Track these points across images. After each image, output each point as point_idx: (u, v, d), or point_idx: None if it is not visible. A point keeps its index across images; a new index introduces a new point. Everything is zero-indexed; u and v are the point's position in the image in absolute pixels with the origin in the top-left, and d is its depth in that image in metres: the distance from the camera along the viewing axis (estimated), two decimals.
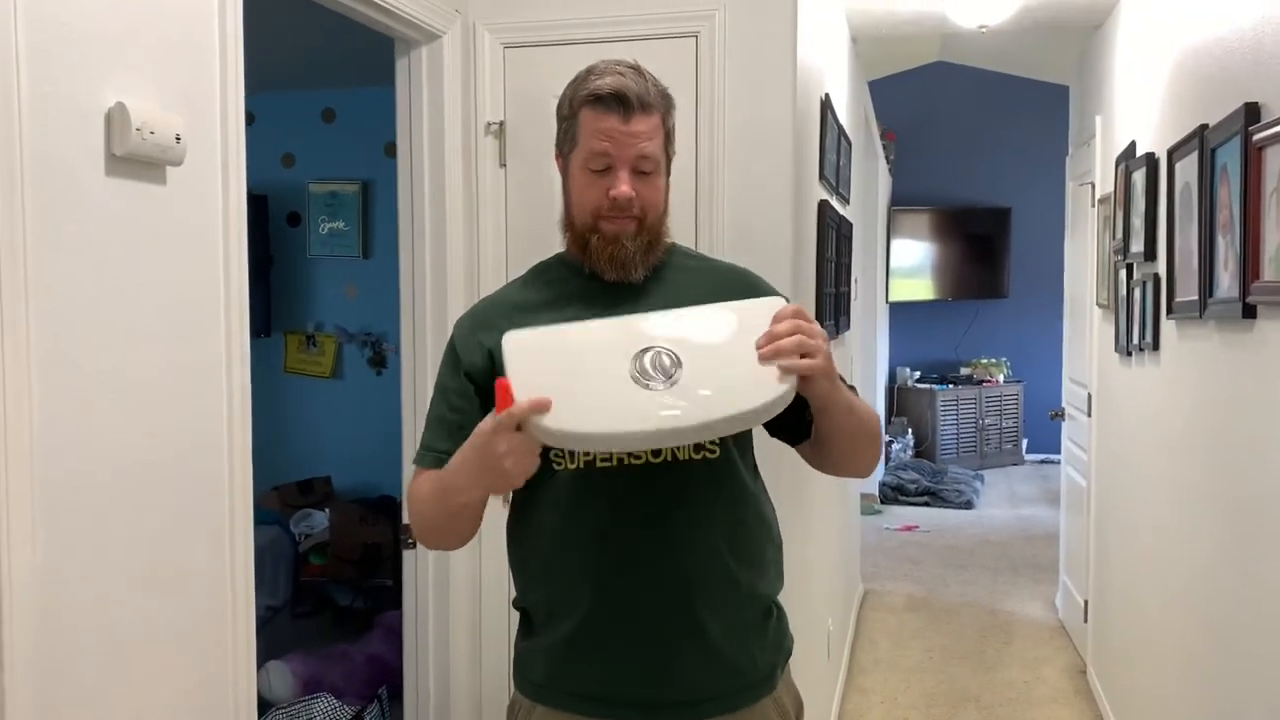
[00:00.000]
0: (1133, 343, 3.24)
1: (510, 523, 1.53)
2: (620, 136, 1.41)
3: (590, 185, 1.43)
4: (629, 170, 1.42)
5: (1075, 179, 4.78)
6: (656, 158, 1.45)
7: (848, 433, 1.44)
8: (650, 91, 1.43)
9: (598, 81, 1.42)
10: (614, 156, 1.41)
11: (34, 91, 1.28)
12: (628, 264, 1.45)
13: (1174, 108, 2.81)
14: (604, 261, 1.45)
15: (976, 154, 9.13)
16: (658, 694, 1.43)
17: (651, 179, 1.45)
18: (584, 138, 1.43)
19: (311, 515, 4.79)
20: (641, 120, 1.41)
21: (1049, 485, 7.95)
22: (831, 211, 3.27)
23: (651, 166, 1.44)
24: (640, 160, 1.42)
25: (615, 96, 1.40)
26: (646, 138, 1.42)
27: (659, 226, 1.48)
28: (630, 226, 1.44)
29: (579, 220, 1.46)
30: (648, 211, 1.45)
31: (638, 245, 1.45)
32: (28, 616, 1.28)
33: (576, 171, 1.45)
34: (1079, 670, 4.26)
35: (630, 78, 1.42)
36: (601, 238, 1.44)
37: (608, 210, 1.43)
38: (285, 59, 4.16)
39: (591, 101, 1.41)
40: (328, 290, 5.06)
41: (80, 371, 1.36)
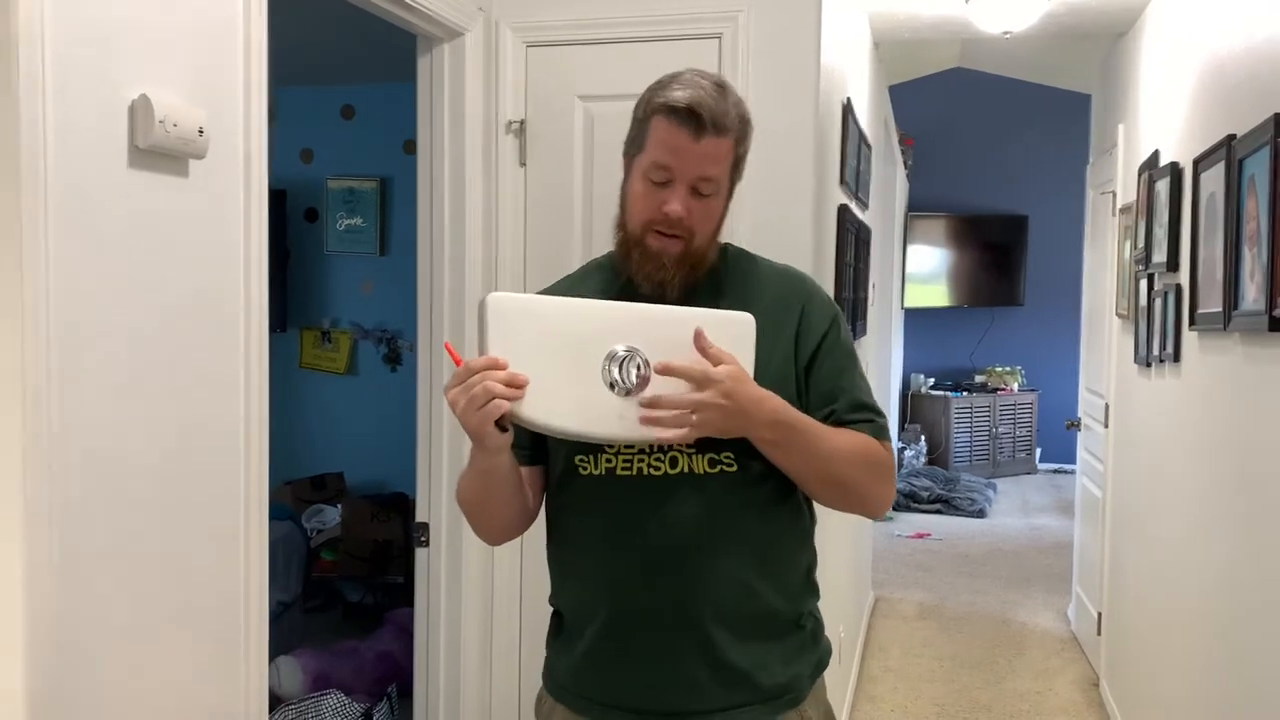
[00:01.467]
0: (1153, 354, 3.21)
1: (547, 522, 1.54)
2: (686, 154, 1.37)
3: (646, 195, 1.41)
4: (687, 189, 1.39)
5: (1096, 188, 4.75)
6: (719, 181, 1.41)
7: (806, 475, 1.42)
8: (729, 114, 1.39)
9: (677, 92, 1.37)
10: (675, 171, 1.38)
11: (58, 83, 1.27)
12: (664, 284, 1.42)
13: (1200, 117, 2.79)
14: (641, 275, 1.43)
15: (994, 161, 9.09)
16: (668, 702, 1.42)
17: (708, 202, 1.42)
18: (651, 146, 1.40)
19: (324, 511, 4.80)
20: (712, 142, 1.38)
21: (1062, 495, 7.91)
22: (851, 216, 3.25)
23: (711, 190, 1.41)
24: (701, 181, 1.39)
25: (690, 111, 1.36)
26: (713, 160, 1.39)
27: (706, 249, 1.45)
28: (675, 248, 1.41)
29: (629, 227, 1.44)
30: (696, 233, 1.42)
31: (679, 267, 1.42)
32: (42, 612, 1.27)
33: (637, 177, 1.43)
34: (1091, 682, 4.22)
35: (710, 95, 1.37)
36: (645, 253, 1.42)
37: (658, 224, 1.40)
38: (306, 54, 4.16)
39: (666, 111, 1.38)
40: (344, 286, 5.07)
41: (99, 364, 1.36)
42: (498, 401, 1.25)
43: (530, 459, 1.49)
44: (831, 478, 1.42)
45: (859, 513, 1.51)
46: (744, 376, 1.32)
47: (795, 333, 1.46)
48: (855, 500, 1.47)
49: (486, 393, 1.24)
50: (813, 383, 1.45)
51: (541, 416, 1.30)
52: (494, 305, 1.30)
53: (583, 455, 1.43)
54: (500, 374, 1.26)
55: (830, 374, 1.46)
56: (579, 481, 1.45)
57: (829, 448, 1.39)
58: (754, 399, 1.32)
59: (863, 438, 1.43)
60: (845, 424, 1.43)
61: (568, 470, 1.46)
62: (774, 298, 1.48)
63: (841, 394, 1.45)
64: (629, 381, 1.30)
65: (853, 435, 1.42)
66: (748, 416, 1.32)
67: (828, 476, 1.41)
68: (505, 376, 1.26)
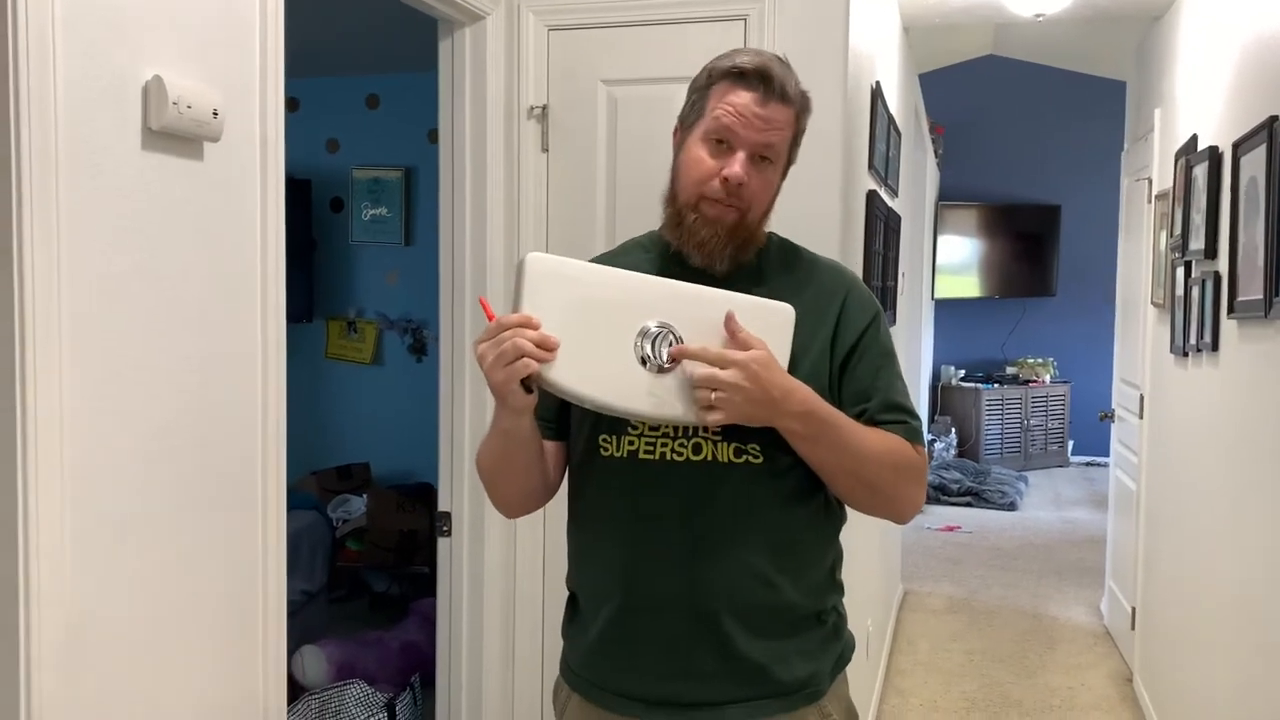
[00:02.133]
0: (1190, 343, 3.14)
1: (568, 502, 1.51)
2: (751, 117, 1.35)
3: (704, 159, 1.38)
4: (748, 154, 1.36)
5: (1131, 175, 4.66)
6: (780, 151, 1.39)
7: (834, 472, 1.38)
8: (793, 85, 1.38)
9: (743, 58, 1.37)
10: (739, 136, 1.36)
11: (70, 63, 1.25)
12: (715, 254, 1.39)
13: (1240, 100, 2.71)
14: (693, 244, 1.40)
15: (1026, 150, 8.97)
16: (681, 693, 1.40)
17: (766, 171, 1.39)
18: (714, 110, 1.37)
19: (349, 501, 4.79)
20: (778, 109, 1.36)
21: (1095, 488, 7.80)
22: (880, 203, 3.20)
23: (772, 155, 1.38)
24: (763, 148, 1.37)
25: (759, 74, 1.35)
26: (777, 128, 1.37)
27: (757, 226, 1.42)
28: (730, 216, 1.38)
29: (682, 195, 1.41)
30: (752, 205, 1.39)
31: (731, 239, 1.39)
32: (56, 602, 1.26)
33: (694, 143, 1.39)
34: (1125, 678, 4.15)
35: (776, 65, 1.37)
36: (700, 218, 1.39)
37: (715, 191, 1.37)
38: (330, 43, 4.15)
39: (733, 76, 1.37)
40: (369, 277, 5.06)
41: (112, 351, 1.34)
42: (526, 360, 1.22)
43: (555, 434, 1.47)
44: (859, 476, 1.38)
45: (886, 515, 1.47)
46: (770, 363, 1.29)
47: (834, 327, 1.43)
48: (882, 501, 1.43)
49: (516, 350, 1.22)
50: (847, 380, 1.42)
51: (569, 382, 1.27)
52: (532, 265, 1.27)
53: (605, 436, 1.41)
54: (532, 334, 1.23)
55: (866, 372, 1.43)
56: (600, 462, 1.42)
57: (858, 445, 1.36)
58: (781, 387, 1.29)
59: (895, 439, 1.39)
60: (878, 424, 1.40)
61: (589, 450, 1.43)
62: (816, 290, 1.45)
63: (876, 393, 1.42)
64: (660, 358, 1.28)
65: (884, 435, 1.39)
66: (774, 405, 1.29)
67: (856, 474, 1.38)
68: (537, 337, 1.23)
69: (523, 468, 1.42)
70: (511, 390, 1.25)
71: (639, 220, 1.63)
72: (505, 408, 1.30)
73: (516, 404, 1.27)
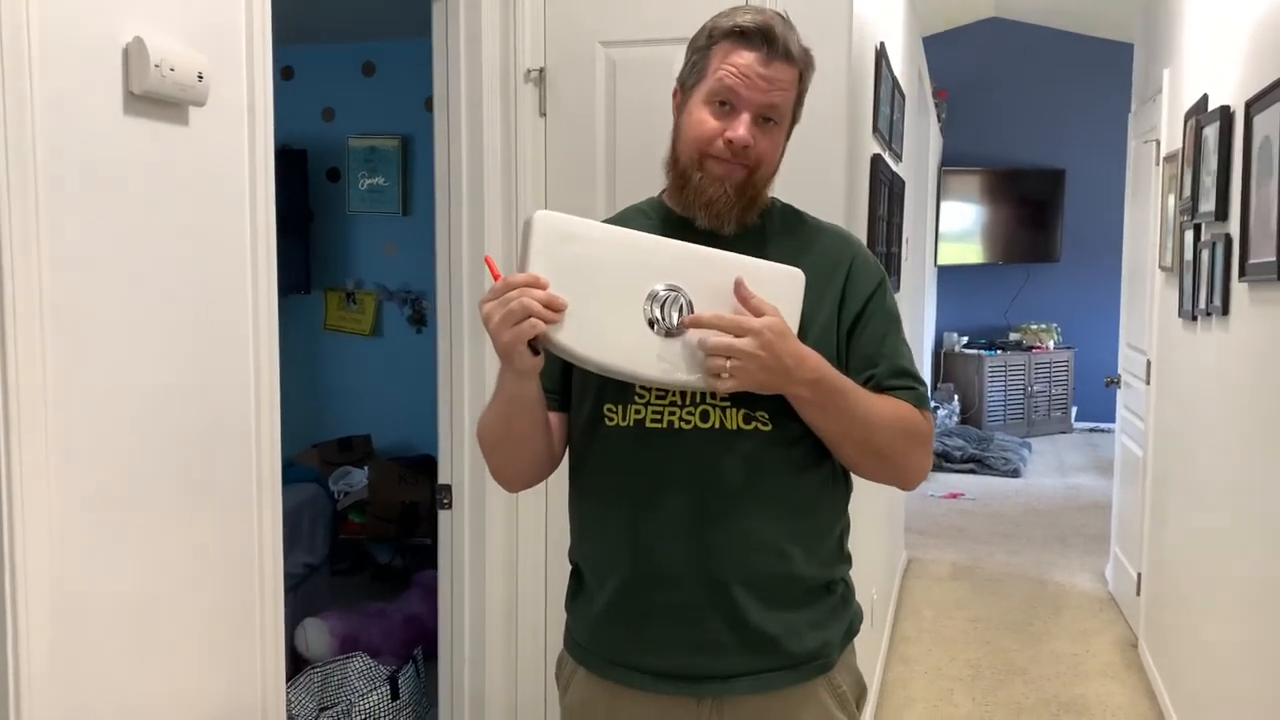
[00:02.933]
0: (1199, 307, 3.09)
1: (570, 473, 1.48)
2: (755, 77, 1.32)
3: (707, 120, 1.35)
4: (752, 115, 1.34)
5: (1138, 137, 4.60)
6: (785, 111, 1.37)
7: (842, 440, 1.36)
8: (795, 44, 1.35)
9: (744, 17, 1.34)
10: (742, 97, 1.33)
11: (45, 25, 1.20)
12: (723, 214, 1.36)
13: (1254, 58, 2.65)
14: (700, 204, 1.37)
15: (1030, 114, 8.88)
16: (691, 666, 1.37)
17: (772, 132, 1.36)
18: (715, 70, 1.34)
19: (350, 473, 4.78)
20: (781, 68, 1.34)
21: (1099, 454, 7.79)
22: (884, 167, 3.14)
23: (776, 116, 1.36)
24: (768, 108, 1.34)
25: (762, 33, 1.32)
26: (780, 88, 1.34)
27: (764, 186, 1.40)
28: (739, 174, 1.35)
29: (685, 156, 1.38)
30: (760, 164, 1.36)
31: (739, 196, 1.36)
32: (45, 583, 1.22)
33: (696, 105, 1.36)
34: (1130, 644, 4.14)
35: (779, 23, 1.35)
36: (706, 177, 1.36)
37: (719, 150, 1.34)
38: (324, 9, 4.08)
39: (735, 35, 1.33)
40: (368, 247, 5.02)
41: (96, 324, 1.30)
42: (533, 320, 1.19)
43: (558, 404, 1.44)
44: (868, 444, 1.36)
45: (893, 482, 1.45)
46: (784, 330, 1.26)
47: (840, 293, 1.40)
48: (890, 469, 1.42)
49: (523, 309, 1.19)
50: (854, 346, 1.40)
51: (576, 344, 1.24)
52: (539, 223, 1.24)
53: (611, 405, 1.38)
54: (540, 294, 1.20)
55: (873, 338, 1.41)
56: (605, 432, 1.39)
57: (867, 412, 1.34)
58: (794, 354, 1.27)
59: (903, 405, 1.38)
60: (885, 390, 1.38)
61: (593, 420, 1.40)
62: (820, 255, 1.42)
63: (883, 359, 1.40)
64: (669, 321, 1.25)
65: (893, 402, 1.37)
66: (787, 373, 1.26)
67: (865, 442, 1.36)
68: (544, 297, 1.20)
69: (526, 436, 1.38)
70: (518, 352, 1.22)
71: (639, 184, 1.58)
72: (510, 370, 1.27)
73: (523, 365, 1.24)
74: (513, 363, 1.24)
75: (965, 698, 3.70)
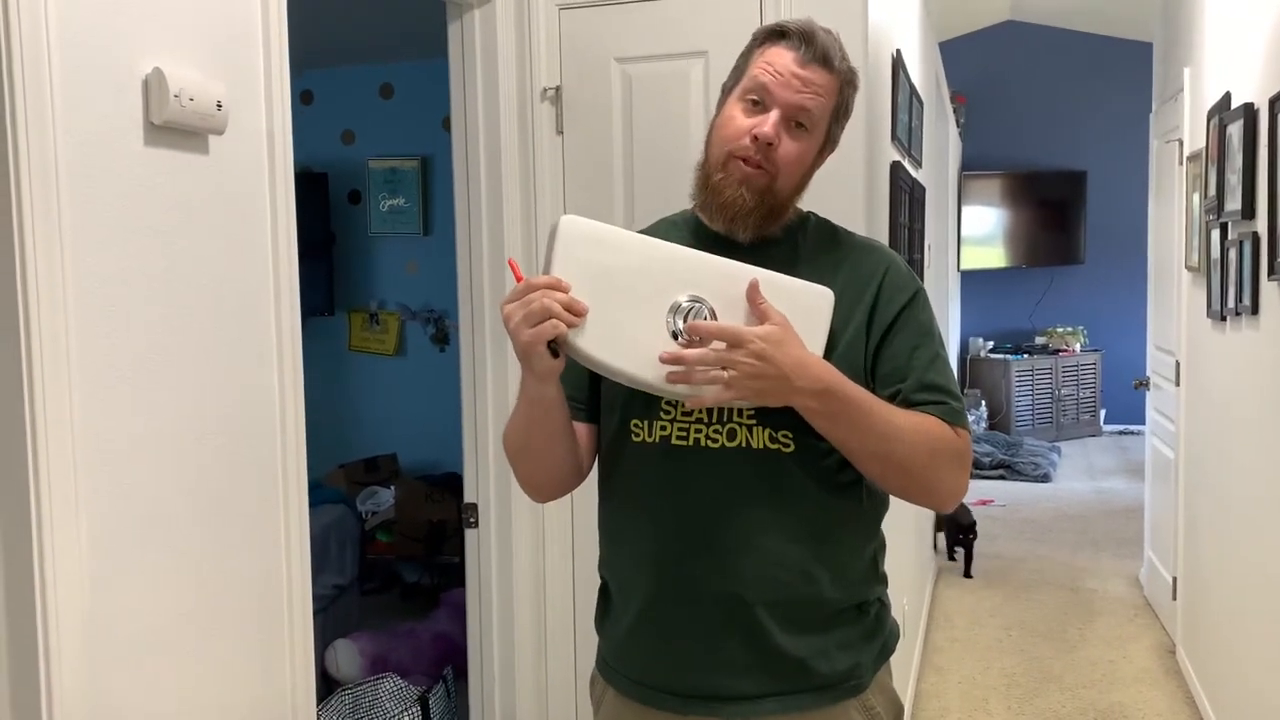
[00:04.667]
0: (1228, 306, 3.06)
1: (599, 487, 1.47)
2: (789, 76, 1.31)
3: (737, 117, 1.34)
4: (783, 115, 1.31)
5: (1160, 137, 4.56)
6: (817, 117, 1.33)
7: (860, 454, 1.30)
8: (837, 54, 1.34)
9: (788, 21, 1.36)
10: (773, 95, 1.31)
11: (66, 58, 1.22)
12: (738, 218, 1.34)
13: (1277, 55, 2.62)
14: (717, 204, 1.35)
15: (1049, 116, 8.83)
16: (715, 687, 1.35)
17: (802, 138, 1.33)
18: (753, 70, 1.34)
19: (377, 493, 4.79)
20: (818, 72, 1.32)
21: (1129, 457, 7.70)
22: (904, 174, 3.13)
23: (808, 123, 1.33)
24: (799, 112, 1.32)
25: (800, 34, 1.32)
26: (814, 91, 1.32)
27: (788, 197, 1.37)
28: (759, 180, 1.33)
29: (712, 155, 1.36)
30: (782, 171, 1.33)
31: (758, 203, 1.33)
32: (74, 604, 1.23)
33: (730, 104, 1.36)
34: (1167, 650, 4.08)
35: (821, 31, 1.34)
36: (726, 177, 1.34)
37: (744, 149, 1.32)
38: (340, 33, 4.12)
39: (775, 36, 1.34)
40: (389, 268, 5.04)
41: (122, 353, 1.31)
42: (554, 322, 1.19)
43: (586, 415, 1.43)
44: (889, 459, 1.30)
45: (924, 502, 1.41)
46: (784, 338, 1.23)
47: (870, 307, 1.36)
48: (918, 487, 1.35)
49: (544, 311, 1.18)
50: (881, 359, 1.35)
51: (596, 350, 1.24)
52: (565, 228, 1.24)
53: (637, 420, 1.37)
54: (561, 296, 1.19)
55: (901, 350, 1.35)
56: (631, 448, 1.38)
57: (884, 426, 1.27)
58: (795, 362, 1.22)
59: (929, 419, 1.31)
60: (912, 404, 1.32)
61: (620, 435, 1.39)
62: (853, 270, 1.38)
63: (911, 372, 1.34)
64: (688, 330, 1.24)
65: (918, 416, 1.31)
66: (786, 381, 1.22)
67: (884, 457, 1.30)
68: (565, 300, 1.19)
69: (548, 441, 1.37)
70: (537, 353, 1.21)
71: (657, 199, 1.58)
72: (530, 372, 1.26)
73: (542, 367, 1.23)
74: (532, 364, 1.24)
75: (1000, 707, 3.66)
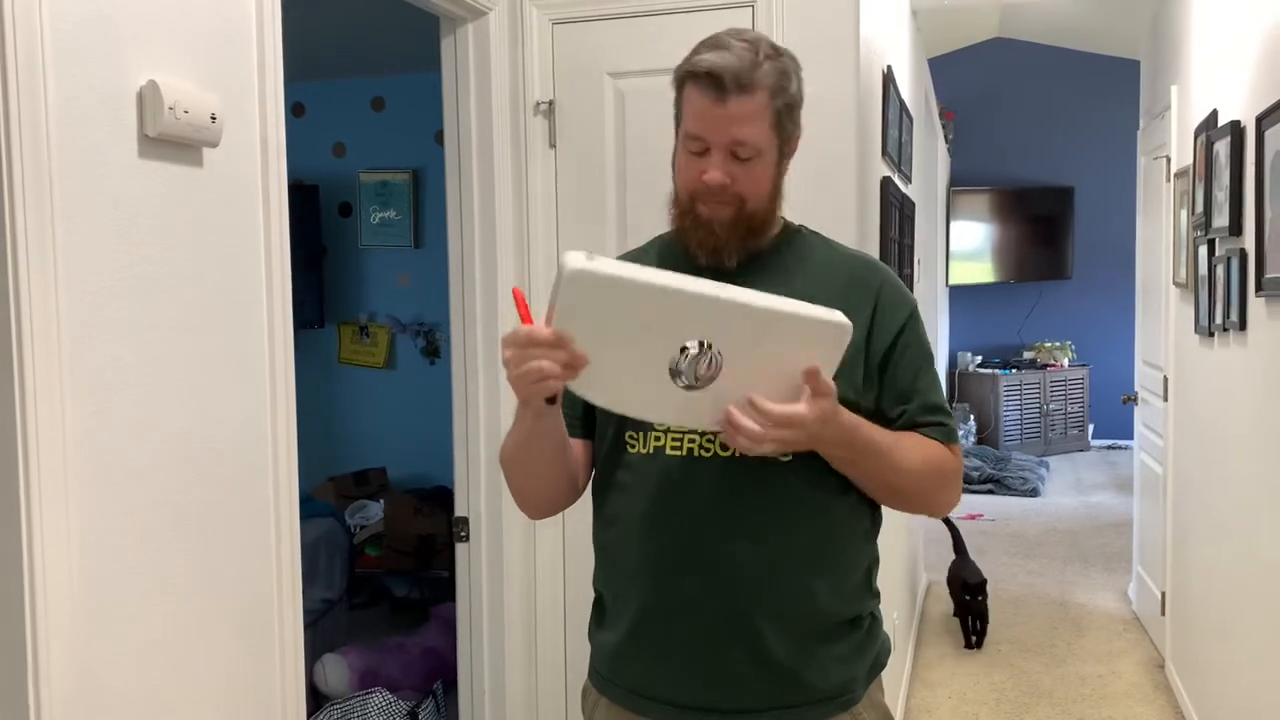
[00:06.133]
0: (1215, 322, 3.07)
1: (592, 501, 1.48)
2: (715, 119, 1.31)
3: (688, 165, 1.35)
4: (724, 154, 1.33)
5: (1148, 153, 4.59)
6: (756, 144, 1.33)
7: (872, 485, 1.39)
8: (761, 68, 1.31)
9: (699, 57, 1.32)
10: (708, 139, 1.32)
11: (60, 69, 1.22)
12: (719, 250, 1.37)
13: (1264, 72, 2.65)
14: (695, 244, 1.38)
15: (1037, 133, 8.89)
16: (711, 699, 1.36)
17: (751, 165, 1.34)
18: (685, 115, 1.36)
19: (367, 506, 4.77)
20: (740, 102, 1.30)
21: (1117, 472, 7.73)
22: (894, 189, 3.15)
23: (750, 153, 1.33)
24: (736, 145, 1.32)
25: (709, 76, 1.30)
26: (743, 122, 1.31)
27: (764, 213, 1.38)
28: (725, 213, 1.35)
29: (680, 197, 1.39)
30: (747, 198, 1.35)
31: (732, 233, 1.36)
32: (64, 617, 1.23)
33: (680, 148, 1.38)
34: (1157, 664, 4.09)
35: (736, 53, 1.30)
36: (695, 220, 1.37)
37: (704, 192, 1.34)
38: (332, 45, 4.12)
39: (691, 78, 1.33)
40: (380, 280, 5.03)
41: (114, 365, 1.30)
42: (551, 381, 1.18)
43: (582, 432, 1.44)
44: (898, 489, 1.39)
45: (919, 514, 1.49)
46: (833, 415, 1.24)
47: (869, 323, 1.38)
48: (918, 506, 1.45)
49: (541, 373, 1.17)
50: (888, 380, 1.39)
51: (597, 396, 1.26)
52: (570, 276, 1.17)
53: (632, 432, 1.38)
54: (562, 355, 1.17)
55: (906, 373, 1.40)
56: (626, 459, 1.39)
57: (898, 463, 1.35)
58: (834, 428, 1.26)
59: (932, 446, 1.39)
60: (916, 425, 1.39)
61: (615, 447, 1.40)
62: (845, 282, 1.40)
63: (916, 395, 1.40)
64: (693, 378, 1.22)
65: (923, 444, 1.37)
66: (821, 442, 1.28)
67: (895, 487, 1.39)
68: (565, 358, 1.17)
69: (545, 463, 1.38)
70: (535, 402, 1.24)
71: (649, 214, 1.59)
72: (527, 409, 1.29)
73: (537, 409, 1.26)
74: (529, 405, 1.26)
75: None
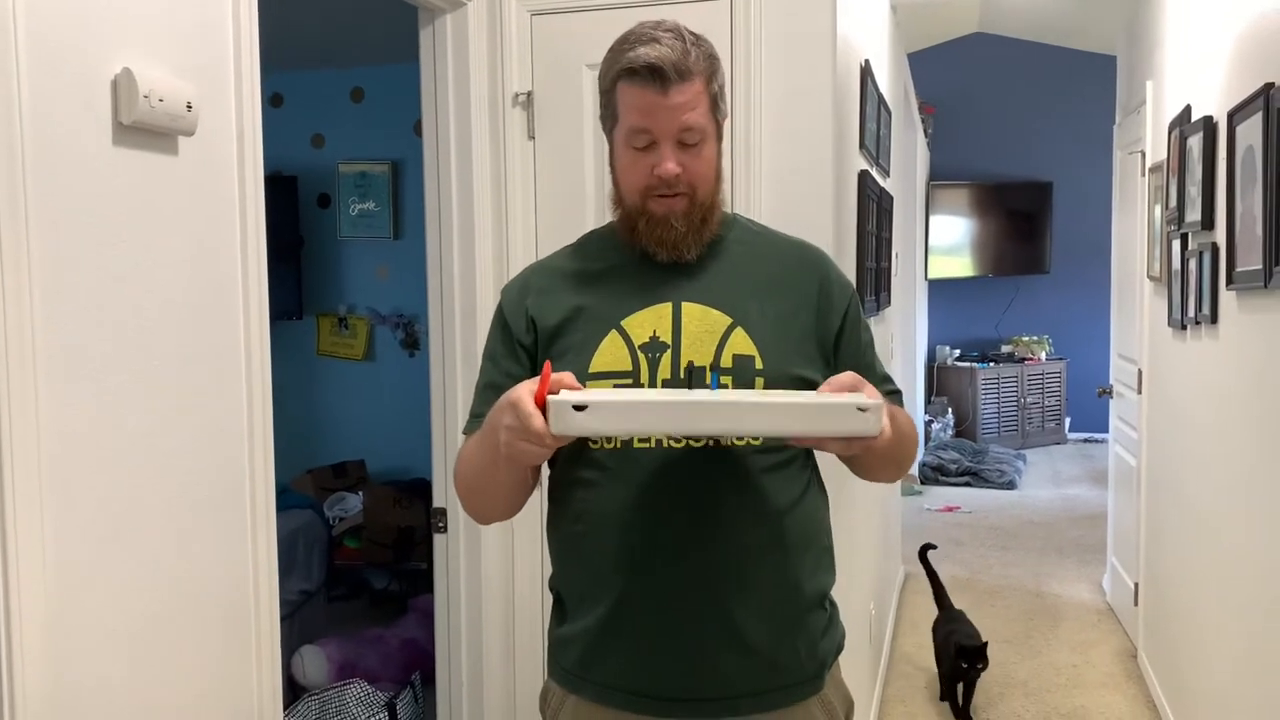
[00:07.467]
0: (1188, 316, 3.11)
1: (548, 501, 1.48)
2: (660, 111, 1.33)
3: (634, 163, 1.36)
4: (673, 145, 1.34)
5: (1124, 148, 4.63)
6: (701, 127, 1.36)
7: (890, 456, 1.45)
8: (691, 54, 1.34)
9: (631, 53, 1.33)
10: (656, 132, 1.34)
11: (34, 56, 1.21)
12: (679, 244, 1.39)
13: (1237, 68, 2.68)
14: (654, 243, 1.39)
15: (1016, 128, 8.94)
16: (690, 688, 1.36)
17: (698, 150, 1.36)
18: (623, 113, 1.36)
19: (345, 498, 4.76)
20: (681, 90, 1.32)
21: (1093, 464, 7.79)
22: (872, 183, 3.16)
23: (697, 138, 1.35)
24: (684, 133, 1.34)
25: (651, 69, 1.31)
26: (688, 108, 1.34)
27: (711, 200, 1.41)
28: (680, 205, 1.37)
29: (627, 200, 1.40)
30: (697, 186, 1.38)
31: (689, 224, 1.38)
32: (38, 610, 1.22)
33: (620, 148, 1.38)
34: (1129, 654, 4.14)
35: (667, 44, 1.32)
36: (650, 220, 1.38)
37: (655, 189, 1.36)
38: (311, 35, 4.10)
39: (628, 75, 1.33)
40: (359, 272, 5.02)
41: (89, 355, 1.30)
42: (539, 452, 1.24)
43: None
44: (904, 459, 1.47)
45: (897, 480, 1.59)
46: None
47: (816, 307, 1.44)
48: (905, 469, 1.53)
49: (535, 456, 1.24)
50: (843, 355, 1.46)
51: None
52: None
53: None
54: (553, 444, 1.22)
55: (857, 348, 1.48)
56: (590, 455, 1.39)
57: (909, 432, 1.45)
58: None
59: (901, 413, 1.45)
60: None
61: (578, 446, 1.39)
62: (787, 265, 1.47)
63: (867, 370, 1.46)
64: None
65: (903, 414, 1.45)
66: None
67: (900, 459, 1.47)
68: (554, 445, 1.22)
69: (510, 487, 1.40)
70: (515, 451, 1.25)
71: None
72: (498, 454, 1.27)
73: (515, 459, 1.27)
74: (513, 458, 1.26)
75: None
